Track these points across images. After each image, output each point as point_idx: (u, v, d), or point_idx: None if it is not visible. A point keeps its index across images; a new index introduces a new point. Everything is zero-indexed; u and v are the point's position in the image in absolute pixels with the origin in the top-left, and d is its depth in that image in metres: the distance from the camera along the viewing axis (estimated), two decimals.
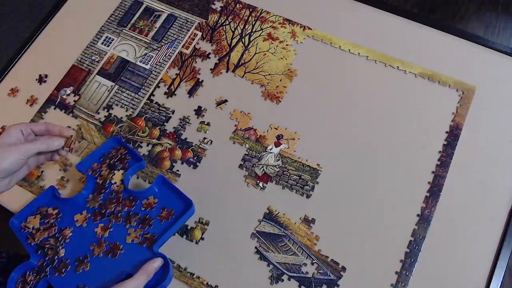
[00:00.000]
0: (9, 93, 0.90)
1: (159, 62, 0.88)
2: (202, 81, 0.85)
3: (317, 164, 0.75)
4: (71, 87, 0.89)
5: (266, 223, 0.73)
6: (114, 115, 0.85)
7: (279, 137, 0.78)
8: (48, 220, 0.72)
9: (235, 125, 0.80)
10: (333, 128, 0.78)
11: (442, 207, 0.70)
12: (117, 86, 0.88)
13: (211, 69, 0.86)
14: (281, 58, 0.84)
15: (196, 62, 0.87)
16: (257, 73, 0.84)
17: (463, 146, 0.73)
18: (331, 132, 0.77)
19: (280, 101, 0.81)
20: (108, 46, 0.92)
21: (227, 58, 0.86)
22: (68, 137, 0.70)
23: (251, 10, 0.89)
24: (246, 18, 0.89)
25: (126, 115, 0.85)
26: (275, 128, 0.79)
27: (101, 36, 0.93)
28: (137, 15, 0.94)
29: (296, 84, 0.82)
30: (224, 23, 0.89)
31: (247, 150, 0.78)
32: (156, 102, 0.85)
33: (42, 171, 0.82)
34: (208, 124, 0.81)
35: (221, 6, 0.91)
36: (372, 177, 0.73)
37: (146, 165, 0.78)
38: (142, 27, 0.93)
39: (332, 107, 0.79)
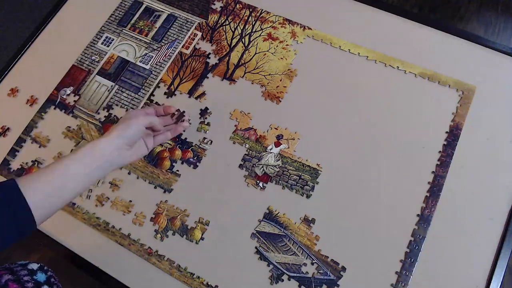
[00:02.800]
0: (9, 93, 0.90)
1: (159, 62, 0.88)
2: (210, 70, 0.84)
3: (317, 164, 0.75)
4: (71, 87, 0.89)
5: (266, 223, 0.73)
6: (114, 115, 0.85)
7: (279, 137, 0.78)
8: None
9: (235, 125, 0.80)
10: (333, 128, 0.78)
11: (442, 207, 0.70)
12: (117, 86, 0.88)
13: (210, 68, 0.86)
14: (281, 58, 0.84)
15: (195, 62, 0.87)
16: (257, 73, 0.84)
17: (463, 146, 0.73)
18: (331, 132, 0.77)
19: (280, 101, 0.81)
20: (108, 46, 0.92)
21: (227, 58, 0.86)
22: (175, 112, 0.73)
23: (251, 10, 0.89)
24: (246, 18, 0.89)
25: None
26: (275, 128, 0.79)
27: (101, 36, 0.93)
28: (137, 15, 0.94)
29: (296, 84, 0.82)
30: (224, 23, 0.89)
31: (247, 150, 0.78)
32: (156, 102, 0.85)
33: None
34: (208, 124, 0.81)
35: (221, 6, 0.91)
36: (372, 177, 0.73)
37: None
38: (142, 27, 0.93)
39: (332, 107, 0.79)
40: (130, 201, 0.78)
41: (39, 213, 0.54)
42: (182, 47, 0.89)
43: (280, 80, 0.82)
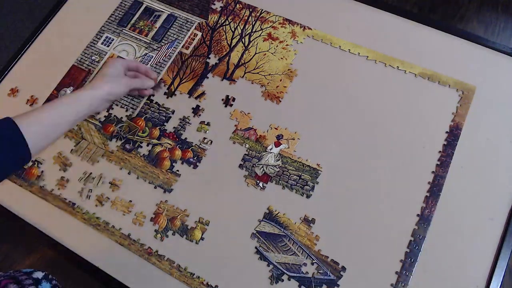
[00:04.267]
0: (9, 93, 0.90)
1: (159, 62, 0.88)
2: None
3: (317, 164, 0.75)
4: (71, 87, 0.89)
5: (266, 223, 0.73)
6: (114, 115, 0.85)
7: (279, 137, 0.78)
8: None
9: (235, 125, 0.80)
10: (333, 128, 0.78)
11: (442, 207, 0.70)
12: None
13: (210, 68, 0.86)
14: (281, 58, 0.84)
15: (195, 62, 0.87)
16: (257, 73, 0.84)
17: (463, 146, 0.73)
18: (331, 132, 0.77)
19: (280, 101, 0.81)
20: (108, 46, 0.92)
21: (227, 58, 0.86)
22: (154, 78, 0.84)
23: (251, 10, 0.89)
24: (246, 18, 0.89)
25: (126, 115, 0.85)
26: (275, 128, 0.79)
27: (101, 36, 0.93)
28: (137, 15, 0.94)
29: (296, 84, 0.82)
30: (224, 23, 0.89)
31: (247, 150, 0.78)
32: (156, 102, 0.85)
33: (42, 171, 0.82)
34: (208, 124, 0.81)
35: (221, 6, 0.91)
36: (372, 177, 0.73)
37: None
38: (142, 27, 0.93)
39: (332, 107, 0.79)
40: (130, 201, 0.78)
41: (34, 144, 0.61)
42: (182, 47, 0.89)
43: (280, 80, 0.82)
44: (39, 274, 0.59)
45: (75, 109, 0.68)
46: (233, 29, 0.89)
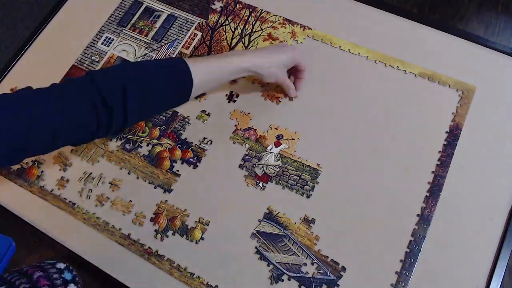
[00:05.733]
0: None
1: None
2: None
3: (317, 164, 0.75)
4: None
5: (266, 223, 0.73)
6: None
7: (279, 137, 0.78)
8: None
9: (235, 125, 0.80)
10: (333, 128, 0.78)
11: (442, 207, 0.70)
12: None
13: None
14: None
15: None
16: None
17: (463, 146, 0.73)
18: (331, 132, 0.77)
19: (280, 101, 0.81)
20: (108, 46, 0.92)
21: None
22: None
23: (251, 10, 0.89)
24: (246, 18, 0.89)
25: None
26: (275, 128, 0.79)
27: (101, 36, 0.93)
28: (137, 15, 0.94)
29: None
30: (224, 23, 0.89)
31: (247, 150, 0.78)
32: None
33: (42, 171, 0.82)
34: (208, 114, 0.81)
35: (221, 6, 0.91)
36: (372, 177, 0.73)
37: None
38: (142, 27, 0.93)
39: (332, 107, 0.79)
40: (130, 201, 0.78)
41: (197, 85, 0.66)
42: (182, 47, 0.89)
43: None
44: (61, 265, 0.63)
45: (232, 73, 0.71)
46: (233, 29, 0.89)
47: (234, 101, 0.82)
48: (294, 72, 0.79)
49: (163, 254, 0.73)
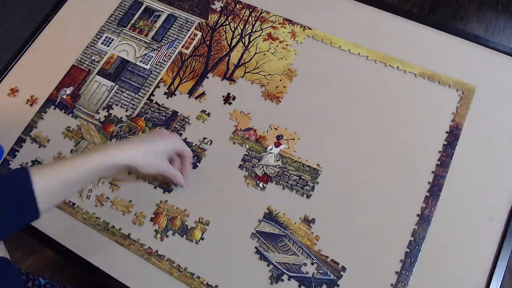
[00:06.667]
0: (9, 93, 0.90)
1: (159, 62, 0.88)
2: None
3: (317, 164, 0.75)
4: (71, 87, 0.89)
5: (266, 223, 0.73)
6: (114, 115, 0.85)
7: (279, 137, 0.78)
8: None
9: (235, 126, 0.80)
10: (333, 128, 0.78)
11: (442, 207, 0.70)
12: (117, 86, 0.88)
13: (210, 68, 0.86)
14: (281, 58, 0.84)
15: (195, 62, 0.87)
16: (257, 73, 0.84)
17: (463, 146, 0.73)
18: (331, 132, 0.77)
19: (280, 101, 0.81)
20: (108, 46, 0.92)
21: (227, 58, 0.86)
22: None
23: (251, 10, 0.89)
24: (246, 18, 0.89)
25: (126, 115, 0.85)
26: (275, 128, 0.79)
27: (101, 36, 0.93)
28: (137, 15, 0.94)
29: (296, 84, 0.82)
30: (224, 23, 0.89)
31: (247, 151, 0.78)
32: (156, 102, 0.85)
33: None
34: (208, 114, 0.81)
35: (221, 6, 0.91)
36: (372, 177, 0.73)
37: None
38: (142, 27, 0.93)
39: (332, 107, 0.79)
40: (130, 201, 0.78)
41: (44, 202, 0.55)
42: (182, 47, 0.89)
43: (280, 80, 0.82)
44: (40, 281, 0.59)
45: (92, 174, 0.61)
46: (233, 29, 0.89)
47: (230, 103, 0.82)
48: (180, 159, 0.74)
49: (163, 254, 0.73)
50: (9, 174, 0.57)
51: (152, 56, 0.89)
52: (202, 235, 0.74)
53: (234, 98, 0.82)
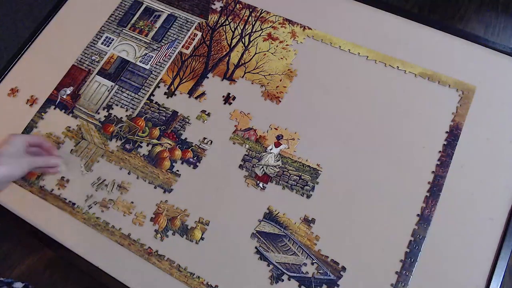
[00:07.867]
0: (9, 93, 0.90)
1: (159, 62, 0.88)
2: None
3: (317, 164, 0.75)
4: (71, 87, 0.89)
5: (266, 223, 0.73)
6: (114, 115, 0.85)
7: (279, 137, 0.78)
8: None
9: (235, 126, 0.80)
10: (333, 128, 0.78)
11: (442, 207, 0.70)
12: (117, 86, 0.88)
13: (210, 68, 0.86)
14: (281, 58, 0.84)
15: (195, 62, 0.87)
16: (257, 73, 0.84)
17: (463, 146, 0.73)
18: (331, 132, 0.77)
19: (280, 101, 0.81)
20: (108, 46, 0.92)
21: (227, 58, 0.86)
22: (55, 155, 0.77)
23: (251, 10, 0.89)
24: (246, 18, 0.89)
25: (126, 115, 0.85)
26: (275, 128, 0.79)
27: (101, 36, 0.93)
28: (137, 15, 0.94)
29: (296, 84, 0.82)
30: (224, 23, 0.89)
31: (247, 151, 0.78)
32: (156, 102, 0.85)
33: None
34: (208, 114, 0.81)
35: (221, 6, 0.91)
36: (372, 177, 0.73)
37: None
38: (142, 27, 0.93)
39: (332, 107, 0.79)
40: (132, 202, 0.78)
41: None
42: (182, 47, 0.89)
43: (280, 80, 0.82)
44: (19, 285, 0.59)
45: None
46: (233, 29, 0.89)
47: (230, 103, 0.82)
48: (40, 148, 0.76)
49: (163, 254, 0.73)
50: None
51: (152, 56, 0.89)
52: (202, 235, 0.74)
53: (234, 98, 0.82)
